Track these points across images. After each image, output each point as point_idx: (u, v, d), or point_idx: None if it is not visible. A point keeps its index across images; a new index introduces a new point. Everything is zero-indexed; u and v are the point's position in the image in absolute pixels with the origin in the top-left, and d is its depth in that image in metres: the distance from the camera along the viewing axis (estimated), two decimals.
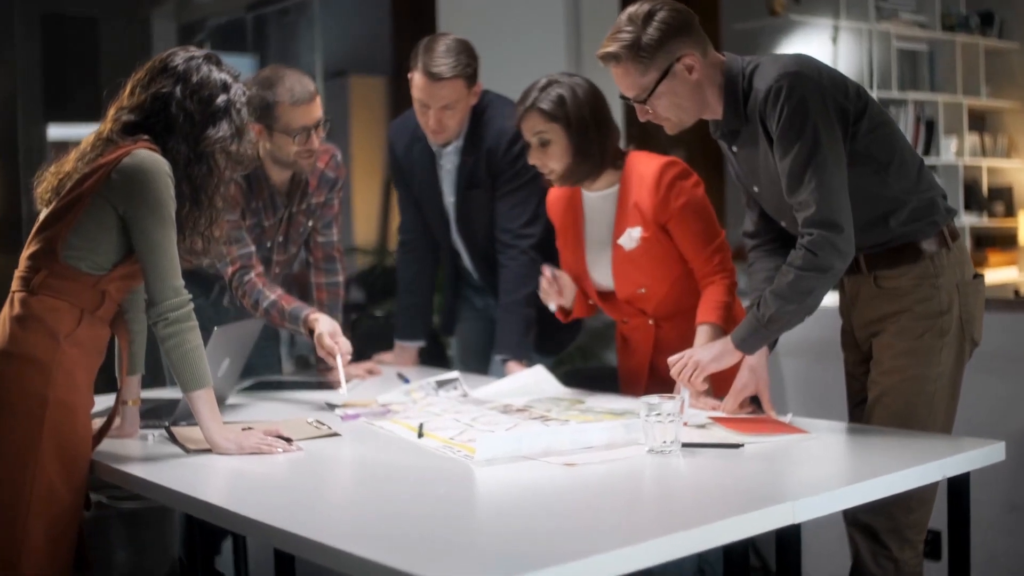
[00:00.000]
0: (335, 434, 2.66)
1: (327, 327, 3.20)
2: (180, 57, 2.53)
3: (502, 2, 5.14)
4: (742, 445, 2.37)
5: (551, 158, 3.03)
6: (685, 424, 2.51)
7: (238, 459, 2.41)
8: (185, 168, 2.48)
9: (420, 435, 2.59)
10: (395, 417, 2.84)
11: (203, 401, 2.46)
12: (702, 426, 2.59)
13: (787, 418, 2.65)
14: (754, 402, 2.76)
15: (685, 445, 2.35)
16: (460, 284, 3.84)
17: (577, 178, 3.06)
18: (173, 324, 2.41)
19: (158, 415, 2.81)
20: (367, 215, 8.55)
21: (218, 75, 2.53)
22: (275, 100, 3.19)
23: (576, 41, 4.90)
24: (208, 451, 2.46)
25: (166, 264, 2.42)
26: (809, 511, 1.96)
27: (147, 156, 2.41)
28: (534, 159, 3.06)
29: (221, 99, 2.52)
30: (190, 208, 2.51)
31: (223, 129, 2.50)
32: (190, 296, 2.45)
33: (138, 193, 2.39)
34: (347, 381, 3.42)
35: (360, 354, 3.88)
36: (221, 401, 3.04)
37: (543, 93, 3.00)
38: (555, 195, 3.26)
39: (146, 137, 2.46)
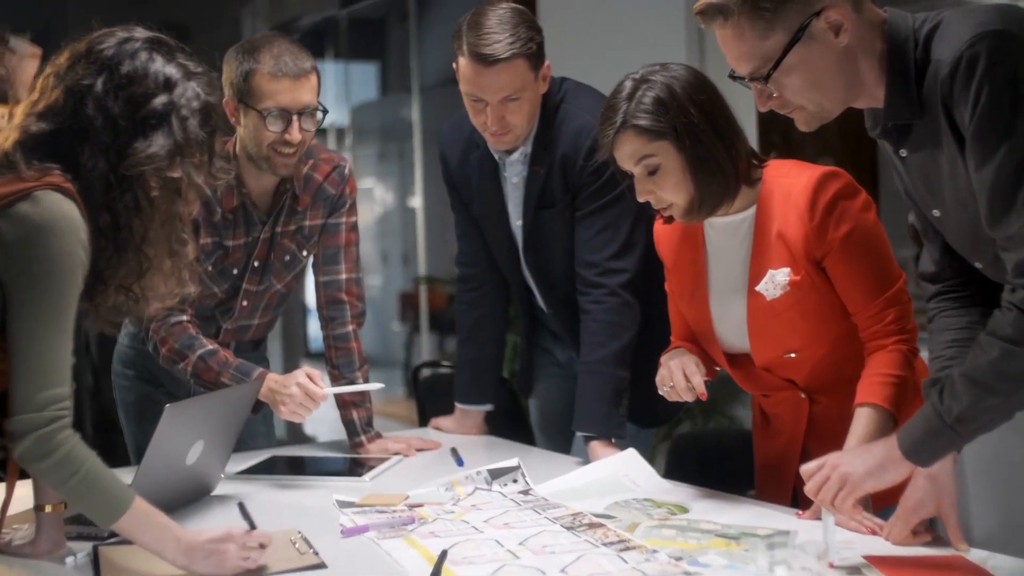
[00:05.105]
0: (319, 564, 1.88)
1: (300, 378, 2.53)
2: (113, 39, 1.84)
3: None
4: None
5: (667, 189, 2.15)
6: (831, 566, 1.72)
7: None
8: (104, 194, 1.78)
9: (436, 574, 1.78)
10: (415, 533, 2.03)
11: (133, 523, 1.80)
12: (855, 570, 1.73)
13: (984, 559, 1.76)
14: (932, 524, 1.90)
15: None
16: (538, 330, 3.01)
17: (710, 207, 2.18)
18: (37, 459, 1.72)
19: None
20: None
21: (161, 68, 1.83)
22: (254, 68, 2.49)
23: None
24: None
25: (42, 366, 1.72)
26: None
27: (53, 207, 1.72)
28: (644, 194, 2.18)
29: (159, 101, 1.81)
30: (111, 253, 1.80)
31: (157, 143, 1.79)
32: (65, 407, 1.74)
33: (30, 261, 1.71)
34: (387, 459, 2.65)
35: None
36: (206, 492, 2.32)
37: (635, 103, 2.12)
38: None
39: (58, 169, 1.75)
